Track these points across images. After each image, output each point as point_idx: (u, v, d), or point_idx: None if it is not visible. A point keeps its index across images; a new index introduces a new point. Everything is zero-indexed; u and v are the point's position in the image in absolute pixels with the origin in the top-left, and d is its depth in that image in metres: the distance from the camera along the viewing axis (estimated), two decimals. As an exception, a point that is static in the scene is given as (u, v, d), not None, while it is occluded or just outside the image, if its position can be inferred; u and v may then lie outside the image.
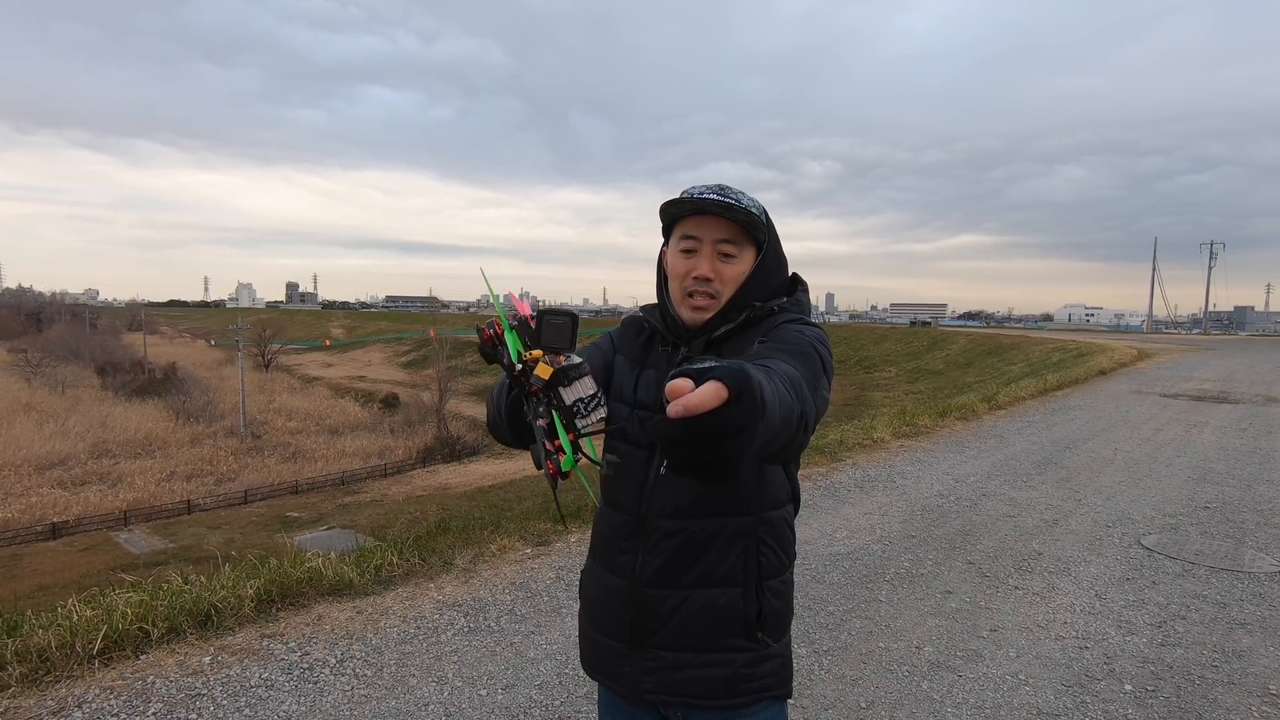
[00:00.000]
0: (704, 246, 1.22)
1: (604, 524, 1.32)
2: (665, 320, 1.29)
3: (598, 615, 1.32)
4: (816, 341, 1.14)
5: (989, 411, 9.87)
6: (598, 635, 1.32)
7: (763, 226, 1.23)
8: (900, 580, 3.83)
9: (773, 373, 0.89)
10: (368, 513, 20.27)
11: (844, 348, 45.39)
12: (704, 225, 1.22)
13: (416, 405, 40.45)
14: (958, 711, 2.60)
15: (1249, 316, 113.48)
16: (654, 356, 1.30)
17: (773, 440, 0.83)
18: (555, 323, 1.09)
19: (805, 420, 0.93)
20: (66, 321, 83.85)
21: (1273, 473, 6.55)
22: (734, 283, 1.23)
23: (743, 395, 0.70)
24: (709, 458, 0.70)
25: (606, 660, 1.30)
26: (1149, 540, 4.58)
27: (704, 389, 0.68)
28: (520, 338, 1.10)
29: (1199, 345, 29.45)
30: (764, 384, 0.78)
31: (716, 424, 0.69)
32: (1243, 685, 2.82)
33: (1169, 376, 15.35)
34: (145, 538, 20.11)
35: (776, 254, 1.28)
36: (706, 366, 0.73)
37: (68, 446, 31.40)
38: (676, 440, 0.69)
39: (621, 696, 1.30)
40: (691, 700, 1.23)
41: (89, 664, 2.65)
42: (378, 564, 3.66)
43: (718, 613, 1.21)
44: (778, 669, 1.25)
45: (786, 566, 1.28)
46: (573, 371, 1.07)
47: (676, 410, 0.67)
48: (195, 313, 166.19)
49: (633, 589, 1.25)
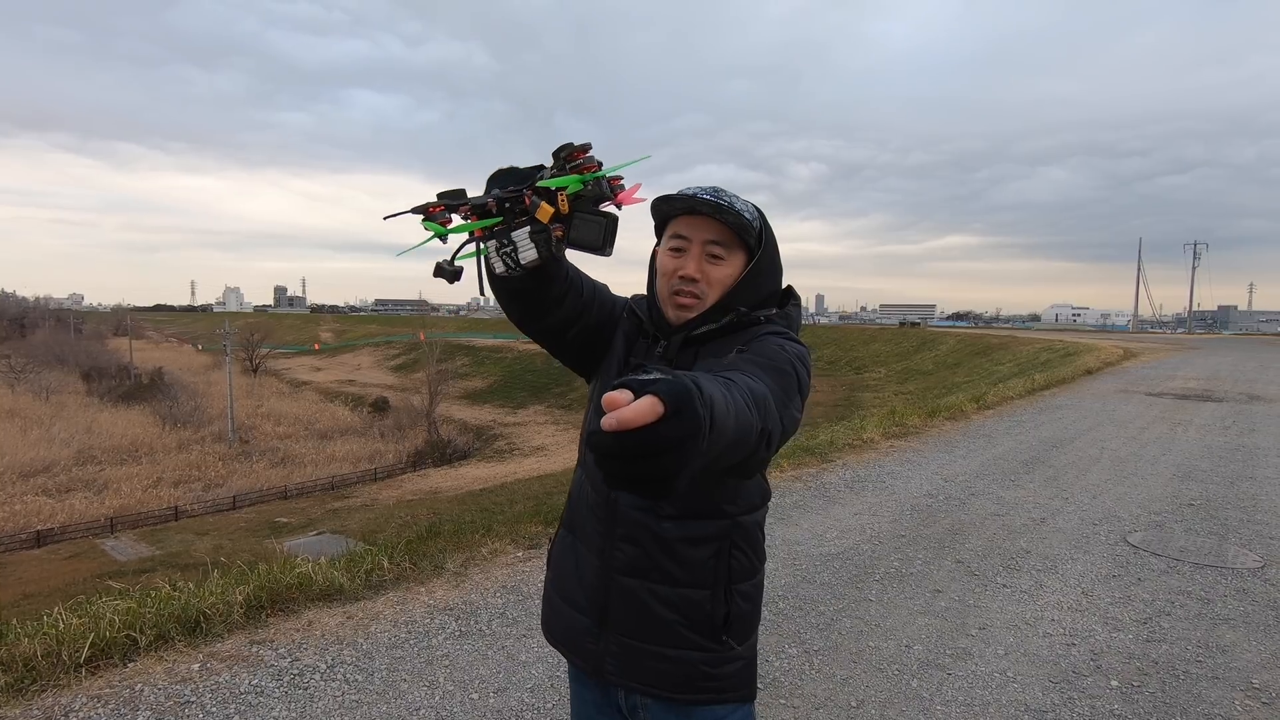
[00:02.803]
0: (693, 246, 1.21)
1: (580, 499, 1.32)
2: (651, 314, 1.29)
3: (566, 587, 1.32)
4: (796, 359, 1.11)
5: (977, 411, 9.95)
6: (565, 607, 1.32)
7: (754, 231, 1.21)
8: (890, 579, 3.86)
9: (734, 385, 0.86)
10: (358, 517, 20.14)
11: (834, 349, 45.56)
12: (694, 225, 1.21)
13: (407, 409, 40.24)
14: (947, 709, 2.63)
15: (1232, 315, 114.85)
16: (638, 344, 1.31)
17: (725, 455, 0.80)
18: (591, 220, 1.10)
19: (768, 436, 0.91)
20: (51, 326, 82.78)
21: (1255, 470, 6.64)
22: (720, 285, 1.22)
23: (681, 411, 0.68)
24: (642, 473, 0.67)
25: (571, 634, 1.30)
26: (1135, 538, 4.63)
27: (639, 403, 0.66)
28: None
29: (1184, 344, 29.77)
30: (716, 399, 0.76)
31: (650, 439, 0.66)
32: (1226, 680, 2.85)
33: (1154, 375, 15.51)
34: (132, 545, 19.88)
35: (771, 261, 1.26)
36: (650, 379, 0.70)
37: (52, 453, 31.02)
38: (608, 454, 0.67)
39: (584, 672, 1.31)
40: (652, 689, 1.23)
41: (76, 672, 2.63)
42: (368, 569, 3.64)
43: (685, 612, 1.21)
44: (740, 670, 1.25)
45: (757, 570, 1.27)
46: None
47: (610, 423, 0.65)
48: (182, 317, 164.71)
49: (605, 570, 1.25)
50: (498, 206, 1.10)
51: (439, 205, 1.12)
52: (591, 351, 1.34)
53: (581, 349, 1.33)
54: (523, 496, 15.27)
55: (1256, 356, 22.64)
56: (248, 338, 60.70)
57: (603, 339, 1.33)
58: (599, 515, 1.26)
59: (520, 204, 1.10)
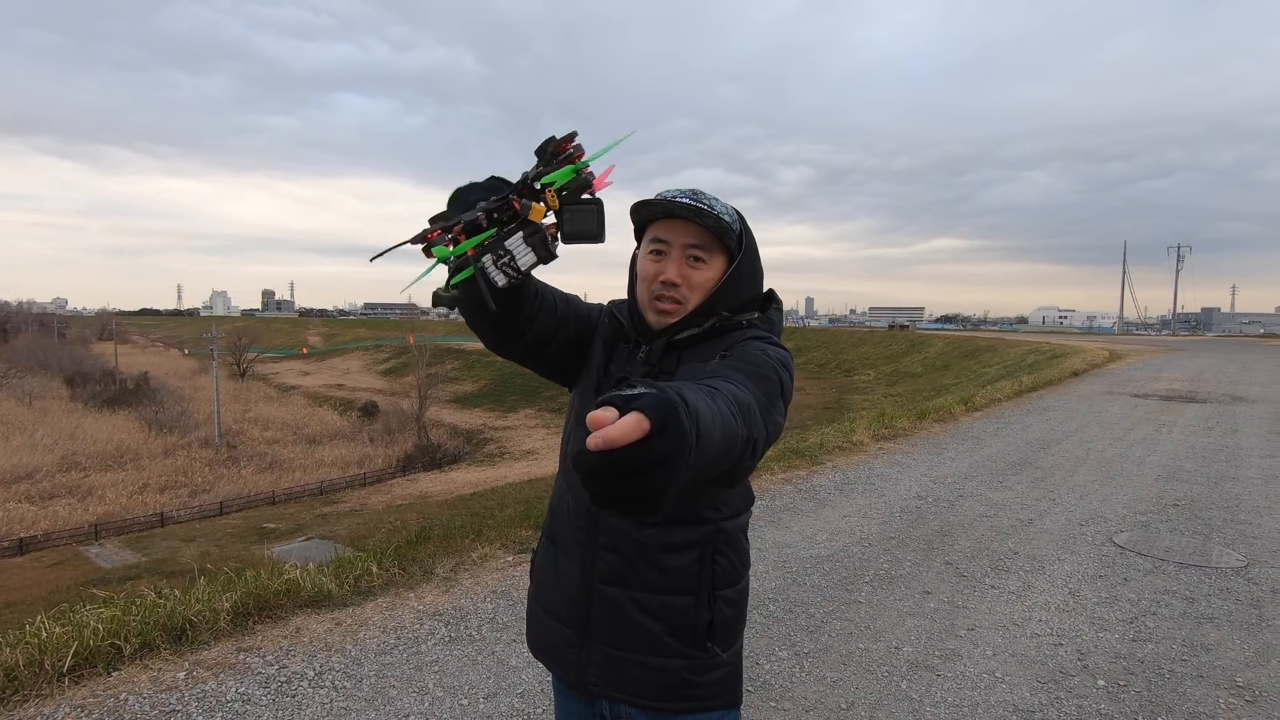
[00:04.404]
0: (673, 251, 1.20)
1: (560, 507, 1.31)
2: (632, 319, 1.28)
3: (548, 599, 1.31)
4: (779, 364, 1.10)
5: (966, 413, 10.01)
6: (547, 619, 1.31)
7: (734, 234, 1.21)
8: (879, 581, 3.87)
9: (718, 394, 0.85)
10: (347, 523, 19.98)
11: (823, 351, 45.74)
12: (674, 229, 1.20)
13: (396, 413, 40.02)
14: (936, 710, 2.64)
15: (1215, 317, 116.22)
16: (619, 350, 1.30)
17: (712, 466, 0.79)
18: (582, 210, 1.09)
19: (753, 444, 0.90)
20: (34, 331, 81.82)
21: (1239, 470, 6.72)
22: (701, 289, 1.21)
23: (667, 426, 0.66)
24: (629, 491, 0.66)
25: (555, 645, 1.29)
26: (1121, 538, 4.67)
27: (624, 421, 0.64)
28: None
29: (1168, 346, 30.09)
30: (701, 409, 0.75)
31: (637, 457, 0.64)
32: (1210, 678, 2.89)
33: (1139, 377, 15.67)
34: (117, 551, 19.64)
35: (752, 265, 1.26)
36: (634, 394, 0.69)
37: (35, 459, 30.61)
38: (594, 474, 0.65)
39: (567, 684, 1.30)
40: (636, 699, 1.22)
41: (59, 682, 2.59)
42: (357, 574, 3.62)
43: (667, 620, 1.20)
44: (725, 677, 1.24)
45: (741, 575, 1.27)
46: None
47: (595, 443, 0.63)
48: (168, 321, 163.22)
49: (586, 580, 1.24)
50: (487, 218, 1.08)
51: (435, 230, 1.10)
52: (573, 363, 1.33)
53: (562, 361, 1.32)
54: (513, 500, 15.21)
55: (1239, 358, 22.92)
56: (235, 342, 60.22)
57: (583, 350, 1.32)
58: (580, 524, 1.25)
59: (509, 210, 1.09)
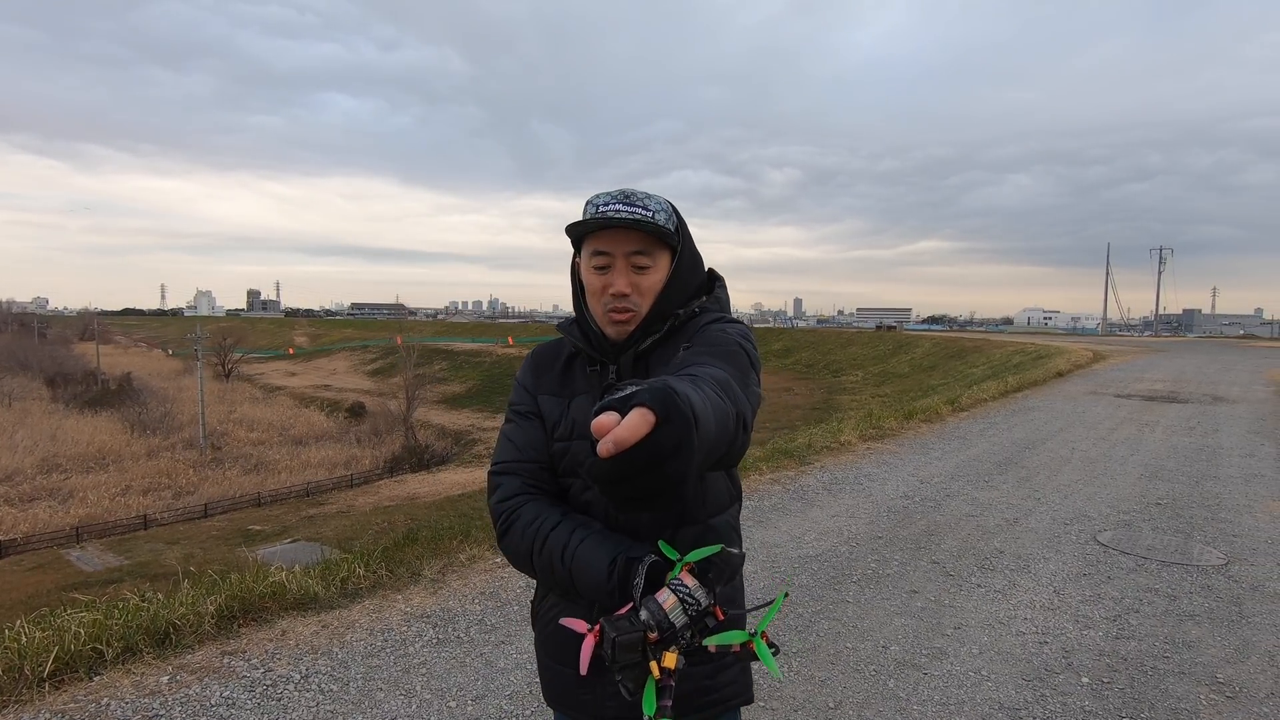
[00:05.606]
0: (617, 261, 1.17)
1: None
2: (589, 338, 1.23)
3: (557, 647, 1.27)
4: (740, 338, 1.11)
5: (952, 413, 10.09)
6: (560, 667, 1.27)
7: (673, 234, 1.18)
8: (867, 581, 3.89)
9: (700, 380, 0.85)
10: (333, 524, 19.83)
11: (811, 352, 45.95)
12: (614, 240, 1.16)
13: (383, 414, 39.78)
14: (923, 709, 2.66)
15: (1197, 319, 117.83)
16: (580, 381, 1.25)
17: (714, 448, 0.80)
18: (729, 560, 0.96)
19: (743, 420, 0.91)
20: (14, 331, 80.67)
21: (1219, 469, 6.82)
22: (652, 293, 1.19)
23: (671, 414, 0.67)
24: (652, 487, 0.67)
25: (569, 690, 1.26)
26: (1104, 536, 4.73)
27: (630, 419, 0.65)
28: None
29: (1150, 347, 30.48)
30: (692, 395, 0.76)
31: (651, 451, 0.65)
32: (1192, 675, 2.92)
33: (1123, 378, 15.86)
34: (99, 555, 19.37)
35: (692, 256, 1.24)
36: (627, 394, 0.69)
37: (15, 461, 30.14)
38: (614, 479, 0.66)
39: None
40: None
41: (39, 687, 2.56)
42: (344, 576, 3.60)
43: None
44: (737, 676, 1.23)
45: (735, 571, 1.27)
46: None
47: (607, 448, 0.64)
48: (152, 321, 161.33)
49: (593, 618, 1.22)
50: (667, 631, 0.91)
51: (596, 628, 0.96)
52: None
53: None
54: (501, 502, 15.13)
55: (1220, 359, 23.26)
56: (220, 342, 59.61)
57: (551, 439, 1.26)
58: None
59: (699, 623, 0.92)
